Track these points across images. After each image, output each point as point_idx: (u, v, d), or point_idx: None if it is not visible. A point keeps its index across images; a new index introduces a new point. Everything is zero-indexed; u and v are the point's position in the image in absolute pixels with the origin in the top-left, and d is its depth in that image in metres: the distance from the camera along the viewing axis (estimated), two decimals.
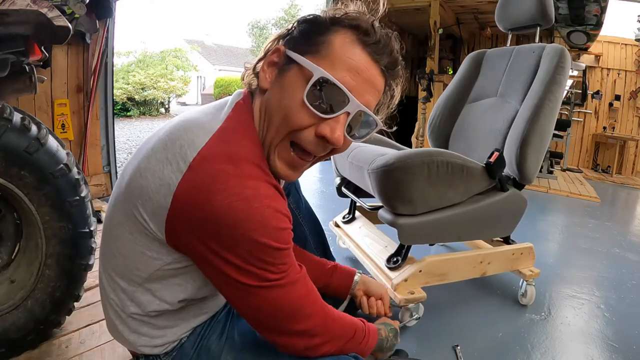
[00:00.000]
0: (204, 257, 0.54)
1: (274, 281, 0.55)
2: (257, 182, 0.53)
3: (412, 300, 1.09)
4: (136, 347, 0.66)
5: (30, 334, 0.94)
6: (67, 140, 2.07)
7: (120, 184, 0.61)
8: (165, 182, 0.53)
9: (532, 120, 1.23)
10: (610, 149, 5.35)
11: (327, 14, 0.60)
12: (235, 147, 0.55)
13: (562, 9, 3.75)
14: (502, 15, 1.56)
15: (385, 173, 1.04)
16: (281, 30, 0.65)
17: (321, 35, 0.58)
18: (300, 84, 0.56)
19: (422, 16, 4.62)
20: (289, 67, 0.58)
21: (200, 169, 0.52)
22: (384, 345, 0.83)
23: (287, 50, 0.59)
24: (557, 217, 2.90)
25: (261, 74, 0.61)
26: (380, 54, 0.58)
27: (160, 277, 0.60)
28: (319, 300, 0.64)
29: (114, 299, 0.63)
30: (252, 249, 0.52)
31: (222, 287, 0.57)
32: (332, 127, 0.57)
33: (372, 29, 0.58)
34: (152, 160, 0.55)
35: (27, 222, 0.93)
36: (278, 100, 0.58)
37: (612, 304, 1.45)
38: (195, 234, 0.52)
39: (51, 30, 0.97)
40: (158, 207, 0.53)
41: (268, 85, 0.61)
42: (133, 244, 0.58)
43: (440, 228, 1.13)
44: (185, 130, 0.56)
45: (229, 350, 0.69)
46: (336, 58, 0.56)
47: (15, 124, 0.85)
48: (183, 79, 12.12)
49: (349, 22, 0.58)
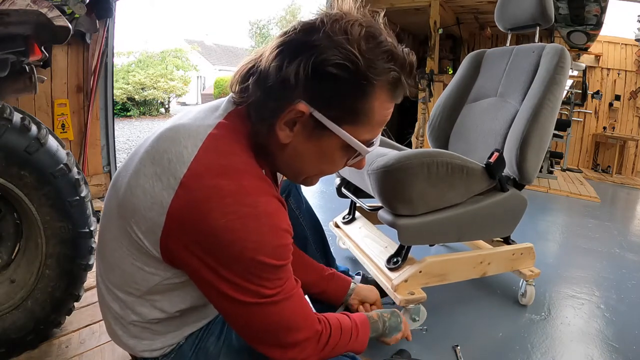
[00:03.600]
0: (199, 273, 0.52)
1: (270, 297, 0.53)
2: (255, 198, 0.51)
3: (412, 300, 1.09)
4: (136, 352, 0.66)
5: (30, 334, 0.94)
6: (67, 140, 2.07)
7: (113, 197, 0.58)
8: (158, 200, 0.51)
9: (532, 120, 1.22)
10: (610, 149, 5.34)
11: (361, 62, 0.49)
12: (228, 157, 0.52)
13: (562, 9, 3.75)
14: (502, 14, 1.56)
15: (385, 174, 1.04)
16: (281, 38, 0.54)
17: (359, 101, 0.53)
18: (339, 153, 0.59)
19: (422, 16, 4.62)
20: (323, 134, 0.55)
21: (192, 186, 0.50)
22: (381, 328, 0.81)
23: (315, 112, 0.53)
24: (557, 217, 2.90)
25: (279, 132, 0.55)
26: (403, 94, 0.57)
27: (159, 291, 0.59)
28: (310, 312, 0.63)
29: (114, 307, 0.62)
30: (250, 267, 0.50)
31: (216, 302, 0.56)
32: (360, 163, 0.63)
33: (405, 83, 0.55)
34: (141, 175, 0.53)
35: (27, 222, 0.93)
36: (313, 163, 0.60)
37: (612, 304, 1.45)
38: (190, 251, 0.51)
39: (51, 30, 0.97)
40: (152, 225, 0.52)
41: (289, 140, 0.56)
42: (130, 260, 0.56)
43: (441, 229, 1.13)
44: (172, 141, 0.53)
45: (227, 352, 0.69)
46: (376, 122, 0.57)
47: (15, 124, 0.84)
48: (183, 79, 12.12)
49: (387, 79, 0.53)
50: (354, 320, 0.72)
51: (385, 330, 0.83)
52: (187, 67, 13.00)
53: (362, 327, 0.73)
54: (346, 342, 0.68)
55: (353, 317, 0.73)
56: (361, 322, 0.74)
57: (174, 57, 12.81)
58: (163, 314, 0.61)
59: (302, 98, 0.52)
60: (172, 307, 0.61)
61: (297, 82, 0.51)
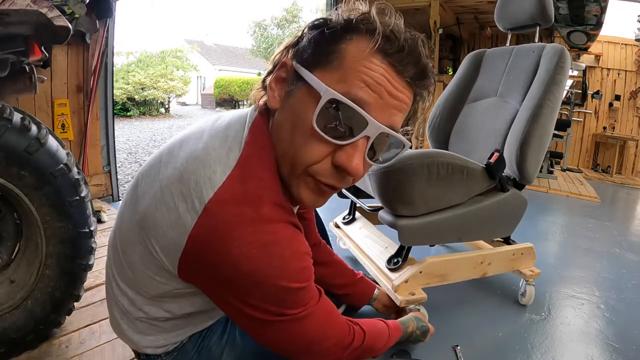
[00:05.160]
0: (220, 296, 0.53)
1: (292, 315, 0.54)
2: (275, 225, 0.50)
3: (412, 301, 1.09)
4: (139, 347, 0.66)
5: (30, 334, 0.94)
6: (67, 140, 2.07)
7: (132, 202, 0.57)
8: (181, 221, 0.50)
9: (532, 121, 1.22)
10: (610, 149, 5.34)
11: (340, 16, 0.51)
12: (254, 185, 0.50)
13: (562, 9, 3.75)
14: (502, 14, 1.56)
15: (386, 174, 1.04)
16: (290, 37, 0.57)
17: (333, 43, 0.50)
18: (309, 108, 0.48)
19: (422, 16, 4.62)
20: (298, 86, 0.51)
21: (216, 212, 0.48)
22: (407, 339, 0.93)
23: (295, 63, 0.52)
24: (557, 217, 2.90)
25: (269, 92, 0.55)
26: (405, 64, 0.49)
27: (169, 296, 0.59)
28: (336, 319, 0.64)
29: (122, 302, 0.62)
30: (273, 292, 0.51)
31: (239, 321, 0.56)
32: (348, 154, 0.49)
33: (393, 34, 0.49)
34: (166, 192, 0.52)
35: (27, 222, 0.93)
36: (288, 129, 0.52)
37: (612, 304, 1.45)
38: (210, 274, 0.51)
39: (51, 30, 0.97)
40: (172, 243, 0.51)
41: (277, 105, 0.54)
42: (142, 267, 0.56)
43: (441, 229, 1.13)
44: (203, 163, 0.51)
45: (230, 351, 0.69)
46: (351, 71, 0.48)
47: (15, 124, 0.84)
48: (183, 79, 12.12)
49: (365, 26, 0.49)
50: (390, 326, 0.81)
51: (421, 336, 0.98)
52: (187, 67, 12.99)
53: (394, 333, 0.82)
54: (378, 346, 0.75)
55: (389, 324, 0.81)
56: (393, 329, 0.82)
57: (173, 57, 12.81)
58: (171, 315, 0.62)
59: (291, 56, 0.54)
60: (180, 310, 0.62)
61: (294, 45, 0.54)
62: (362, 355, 0.69)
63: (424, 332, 0.99)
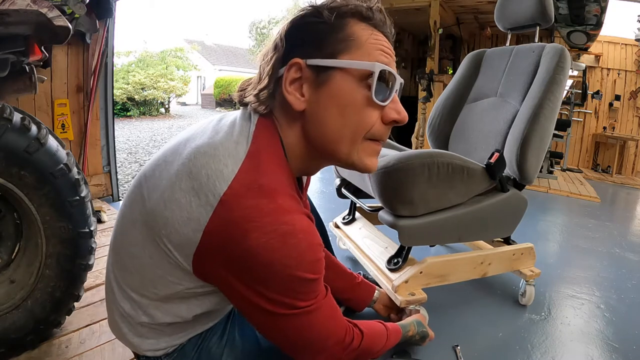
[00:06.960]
0: (234, 289, 0.53)
1: (303, 308, 0.55)
2: (292, 216, 0.51)
3: (412, 301, 1.09)
4: (139, 350, 0.65)
5: (30, 334, 0.94)
6: (67, 140, 2.07)
7: (137, 201, 0.57)
8: (194, 217, 0.50)
9: (532, 121, 1.22)
10: (610, 149, 5.34)
11: (324, 12, 0.57)
12: (268, 177, 0.52)
13: (562, 9, 3.75)
14: (502, 14, 1.56)
15: (386, 174, 1.04)
16: (266, 48, 0.59)
17: (339, 32, 0.56)
18: (355, 87, 0.56)
19: (422, 16, 4.62)
20: (328, 76, 0.55)
21: (232, 204, 0.49)
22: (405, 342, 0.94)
23: (309, 60, 0.56)
24: (557, 217, 2.90)
25: (289, 96, 0.56)
26: (386, 27, 0.60)
27: (178, 297, 0.59)
28: (340, 318, 0.66)
29: (124, 306, 0.61)
30: (288, 282, 0.51)
31: (251, 315, 0.56)
32: (397, 109, 0.59)
33: (368, 10, 0.59)
34: (176, 189, 0.52)
35: (27, 222, 0.93)
36: (335, 114, 0.56)
37: (612, 304, 1.45)
38: (227, 269, 0.51)
39: (51, 30, 0.97)
40: (186, 240, 0.51)
41: (305, 105, 0.56)
42: (153, 267, 0.56)
43: (441, 229, 1.13)
44: (212, 157, 0.52)
45: (230, 351, 0.69)
46: (369, 46, 0.56)
47: (15, 124, 0.84)
48: (183, 79, 12.12)
49: (350, 11, 0.58)
50: (388, 329, 0.82)
51: (420, 341, 1.00)
52: (187, 67, 13.00)
53: (392, 337, 0.83)
54: (376, 349, 0.76)
55: (388, 327, 0.82)
56: (392, 333, 0.84)
57: (174, 57, 12.82)
58: (177, 319, 0.61)
59: (294, 56, 0.56)
60: (189, 313, 0.61)
61: (283, 43, 0.57)
62: (359, 357, 0.69)
63: (423, 337, 1.00)
